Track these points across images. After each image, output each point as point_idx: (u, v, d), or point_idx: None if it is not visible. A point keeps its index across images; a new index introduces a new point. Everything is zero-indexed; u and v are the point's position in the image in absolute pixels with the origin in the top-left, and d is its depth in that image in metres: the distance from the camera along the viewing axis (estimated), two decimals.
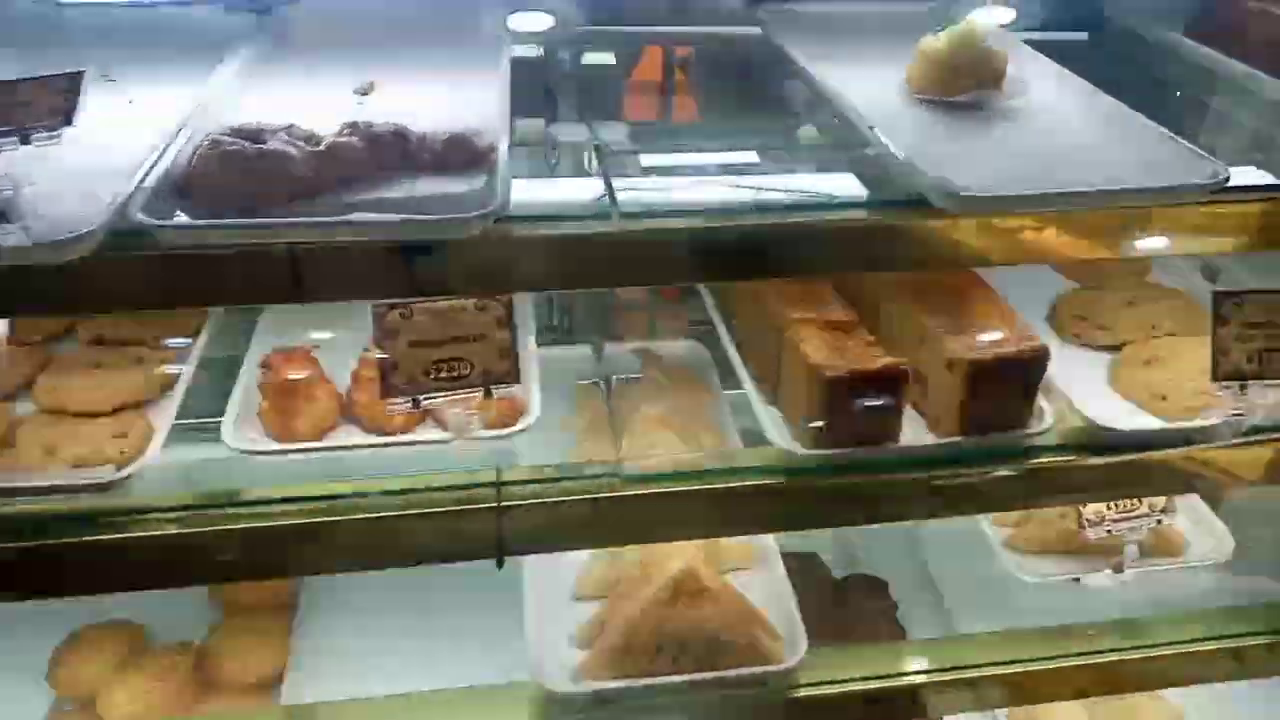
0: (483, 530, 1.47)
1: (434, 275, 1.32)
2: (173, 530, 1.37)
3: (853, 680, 1.71)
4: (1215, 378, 1.52)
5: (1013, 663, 1.86)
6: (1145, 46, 2.12)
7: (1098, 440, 1.59)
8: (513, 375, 1.42)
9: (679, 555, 1.79)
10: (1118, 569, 1.85)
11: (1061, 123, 1.65)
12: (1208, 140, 1.87)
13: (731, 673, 1.65)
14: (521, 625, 1.74)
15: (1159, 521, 1.81)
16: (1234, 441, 1.57)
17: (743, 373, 1.70)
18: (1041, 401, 1.64)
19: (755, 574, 1.90)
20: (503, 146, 1.41)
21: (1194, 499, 2.10)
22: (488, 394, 1.41)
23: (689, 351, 2.15)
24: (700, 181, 1.58)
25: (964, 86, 1.71)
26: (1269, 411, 1.54)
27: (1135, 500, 1.80)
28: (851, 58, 1.87)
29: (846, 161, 1.59)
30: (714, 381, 2.04)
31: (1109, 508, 1.80)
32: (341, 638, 2.08)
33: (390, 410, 1.40)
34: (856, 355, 1.53)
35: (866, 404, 1.50)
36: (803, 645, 1.71)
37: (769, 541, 1.94)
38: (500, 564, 1.49)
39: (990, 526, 1.99)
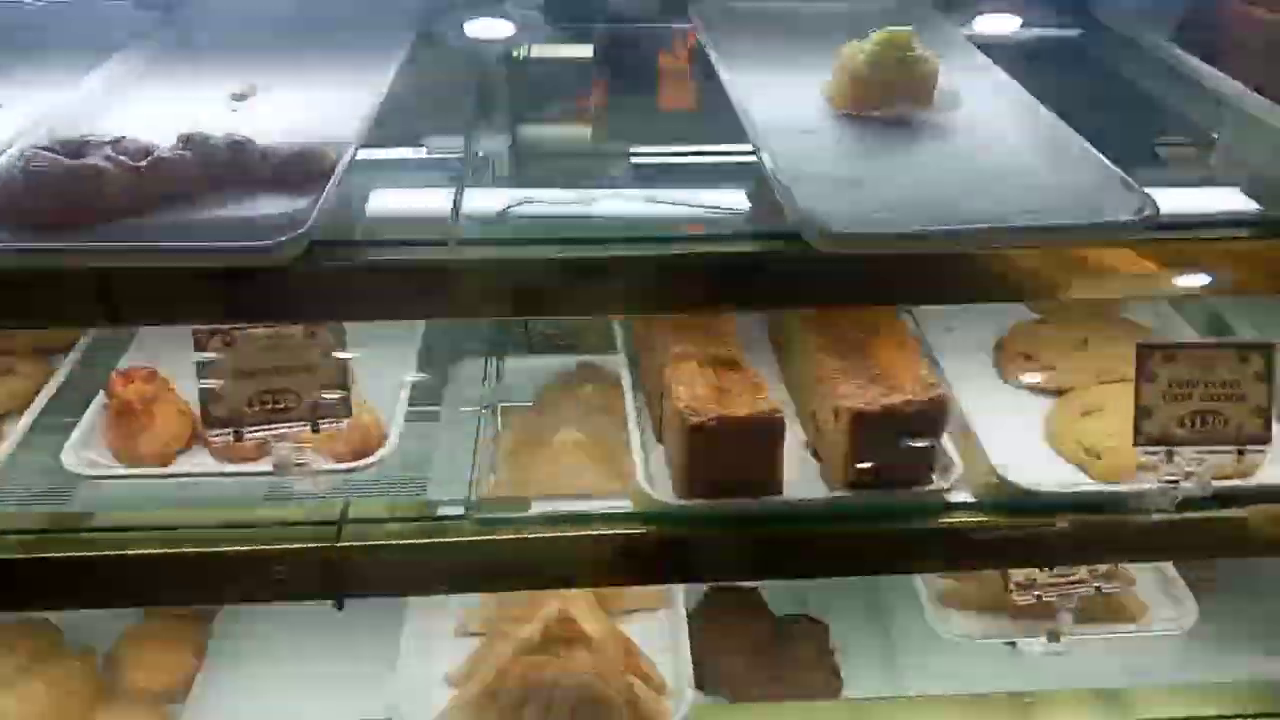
0: (317, 571, 1.38)
1: (248, 302, 1.23)
2: None
3: None
4: (1137, 441, 1.33)
5: None
6: (1125, 50, 1.90)
7: (1007, 501, 1.42)
8: (342, 409, 1.33)
9: (570, 595, 1.68)
10: (1053, 637, 1.67)
11: (986, 144, 1.47)
12: (1158, 159, 1.69)
13: None
14: None
15: (1098, 589, 1.62)
16: (1163, 512, 1.39)
17: (630, 405, 1.57)
18: (951, 453, 1.47)
19: (656, 617, 1.78)
20: (344, 162, 1.32)
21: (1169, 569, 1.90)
22: (315, 428, 1.33)
23: None
24: (575, 200, 1.47)
25: (884, 101, 1.54)
26: (1203, 481, 1.35)
27: (1072, 565, 1.62)
28: (778, 61, 1.72)
29: (742, 185, 1.45)
30: None
31: (1041, 571, 1.62)
32: (259, 643, 2.01)
33: (214, 442, 1.33)
34: (733, 398, 1.39)
35: (737, 452, 1.37)
36: (687, 702, 1.59)
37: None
38: (339, 606, 1.41)
39: (921, 579, 1.83)
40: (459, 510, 1.41)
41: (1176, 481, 1.35)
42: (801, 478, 1.48)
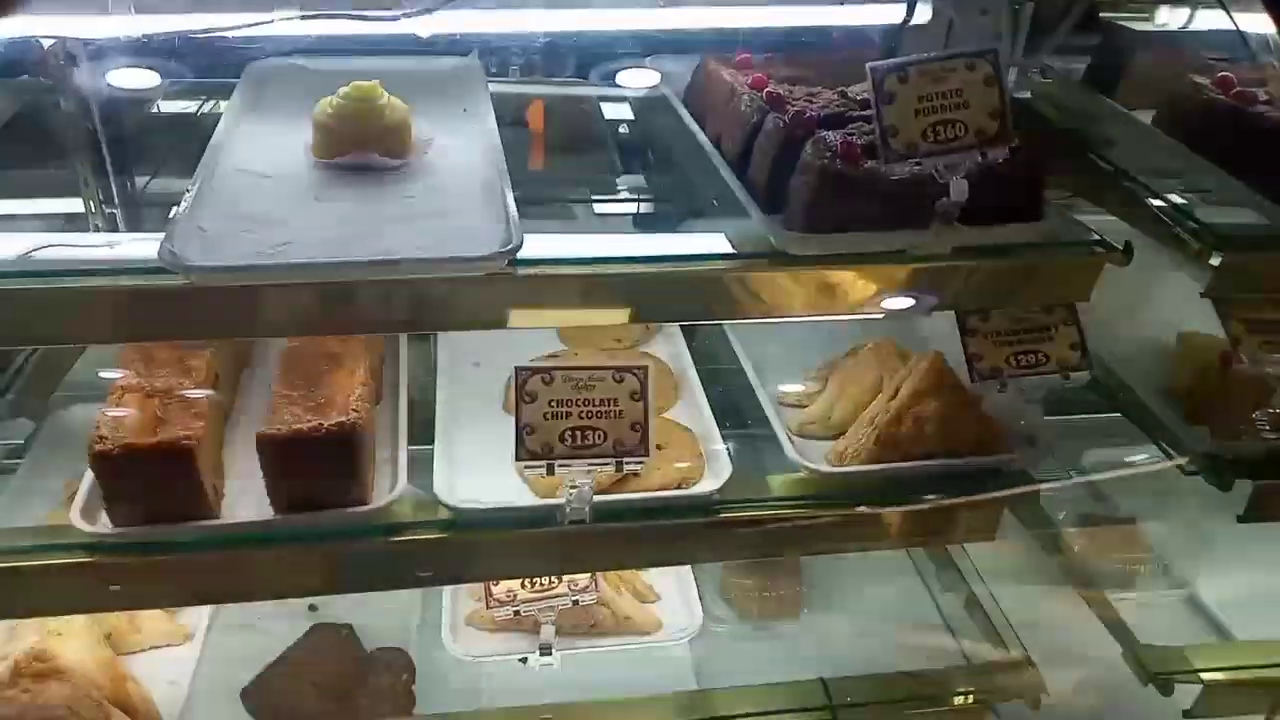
0: None
1: None
2: None
3: None
4: (519, 457, 1.45)
5: None
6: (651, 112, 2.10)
7: (435, 519, 1.52)
8: None
9: (68, 632, 1.70)
10: (545, 650, 1.76)
11: (429, 188, 1.58)
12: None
13: None
14: None
15: (575, 602, 1.73)
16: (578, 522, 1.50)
17: None
18: (401, 475, 1.57)
19: (174, 650, 1.82)
20: None
21: (685, 573, 2.04)
22: None
23: None
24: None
25: (353, 149, 1.66)
26: (584, 494, 1.47)
27: (552, 579, 1.73)
28: (294, 116, 1.80)
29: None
30: None
31: (523, 586, 1.72)
32: None
33: None
34: (158, 426, 1.46)
35: (151, 478, 1.42)
36: None
37: (199, 618, 1.86)
38: None
39: (448, 602, 1.91)
40: None
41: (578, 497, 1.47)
42: None
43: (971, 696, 1.90)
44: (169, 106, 2.14)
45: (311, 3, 1.93)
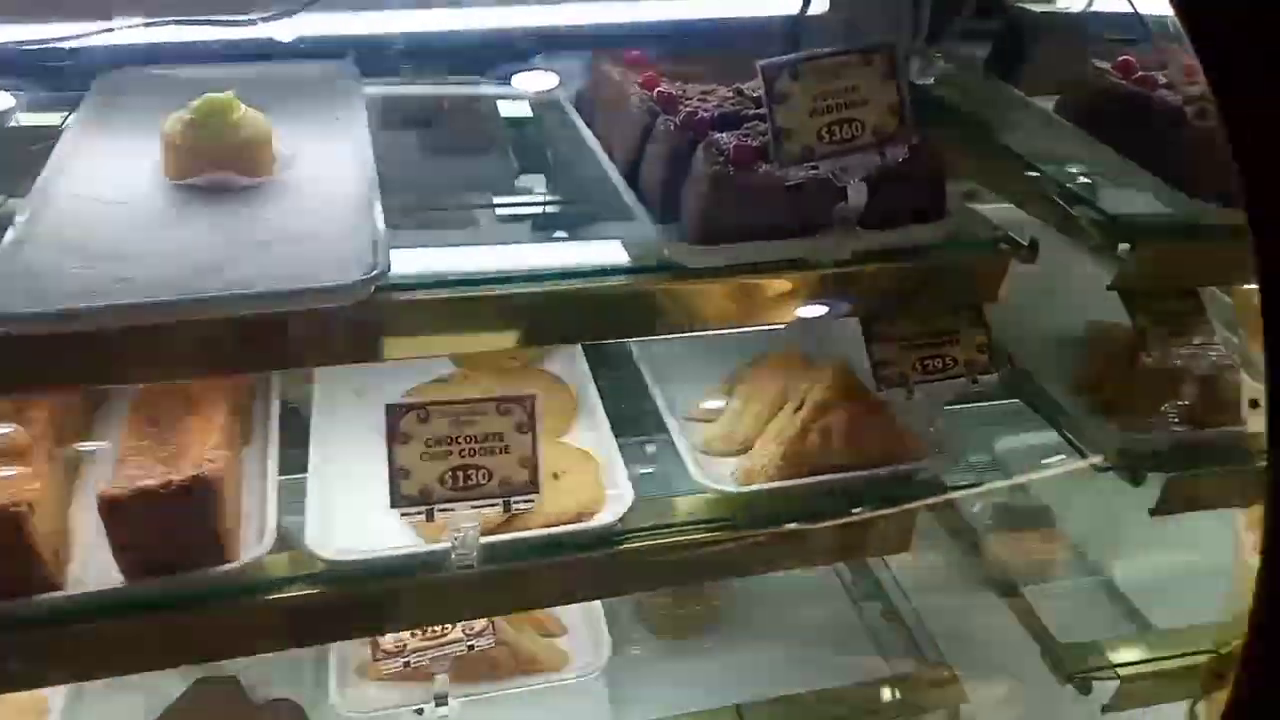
0: None
1: None
2: None
3: None
4: (395, 504, 1.32)
5: None
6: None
7: (310, 572, 1.39)
8: None
9: None
10: (440, 700, 1.64)
11: (289, 210, 1.43)
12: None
13: None
14: None
15: (470, 648, 1.61)
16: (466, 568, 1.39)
17: None
18: (269, 527, 1.43)
19: None
20: None
21: (596, 609, 1.94)
22: None
23: None
24: None
25: (206, 168, 1.50)
26: (469, 541, 1.35)
27: (445, 625, 1.61)
28: (150, 130, 1.62)
29: None
30: None
31: (413, 635, 1.60)
32: None
33: None
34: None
35: None
36: None
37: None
38: None
39: (335, 654, 1.77)
40: None
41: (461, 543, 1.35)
42: None
43: (890, 712, 1.85)
44: (28, 120, 1.94)
45: (159, 8, 1.77)
